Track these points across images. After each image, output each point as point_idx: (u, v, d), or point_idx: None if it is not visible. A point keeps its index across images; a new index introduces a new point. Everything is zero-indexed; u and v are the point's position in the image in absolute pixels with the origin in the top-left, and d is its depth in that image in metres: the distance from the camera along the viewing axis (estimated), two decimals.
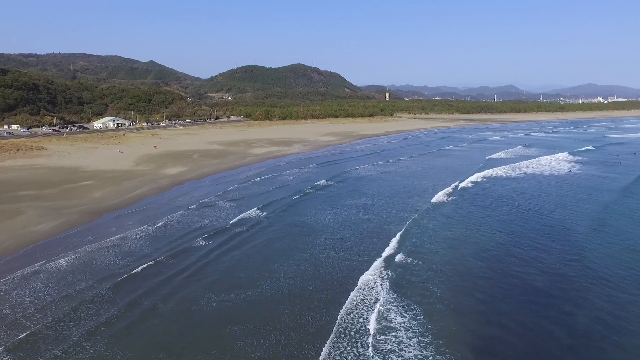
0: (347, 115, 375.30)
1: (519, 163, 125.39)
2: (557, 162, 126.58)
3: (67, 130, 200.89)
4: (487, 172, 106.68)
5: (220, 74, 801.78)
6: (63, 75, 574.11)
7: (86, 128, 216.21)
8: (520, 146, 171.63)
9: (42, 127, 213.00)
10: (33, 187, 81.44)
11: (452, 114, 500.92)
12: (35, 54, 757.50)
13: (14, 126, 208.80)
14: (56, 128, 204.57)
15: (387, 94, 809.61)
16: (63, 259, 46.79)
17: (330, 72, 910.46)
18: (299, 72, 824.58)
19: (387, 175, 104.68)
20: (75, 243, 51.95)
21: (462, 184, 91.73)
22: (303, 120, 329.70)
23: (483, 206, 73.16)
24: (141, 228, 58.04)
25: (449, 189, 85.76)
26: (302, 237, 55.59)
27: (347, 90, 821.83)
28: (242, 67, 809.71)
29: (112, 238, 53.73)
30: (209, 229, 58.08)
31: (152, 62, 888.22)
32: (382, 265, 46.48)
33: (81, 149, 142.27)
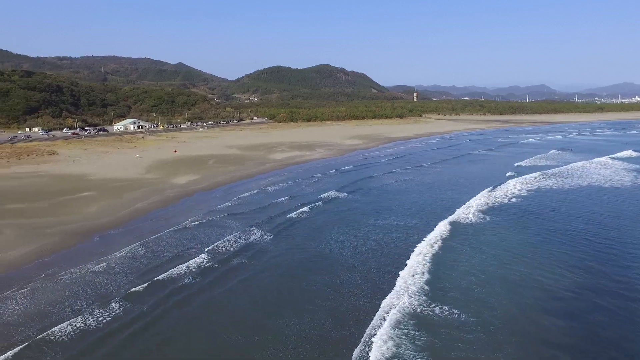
0: (374, 117, 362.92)
1: (567, 168, 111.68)
2: (615, 171, 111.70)
3: (86, 133, 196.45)
4: (531, 182, 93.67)
5: (247, 75, 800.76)
6: (94, 77, 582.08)
7: (106, 131, 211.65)
8: (565, 151, 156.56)
9: (62, 129, 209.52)
10: (25, 199, 73.71)
11: (484, 114, 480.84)
12: (70, 57, 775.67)
13: (35, 129, 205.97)
14: (75, 131, 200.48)
15: (416, 94, 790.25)
16: (14, 301, 37.80)
17: (357, 72, 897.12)
18: (325, 73, 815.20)
19: (421, 187, 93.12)
20: (39, 276, 42.90)
21: (508, 198, 79.36)
22: (328, 122, 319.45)
23: (540, 229, 61.01)
24: (122, 253, 49.02)
25: (489, 200, 73.82)
26: (304, 276, 44.99)
27: (373, 90, 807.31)
28: (268, 68, 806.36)
29: (84, 270, 44.61)
30: (196, 261, 47.91)
31: (180, 64, 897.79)
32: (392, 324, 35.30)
33: (94, 154, 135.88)
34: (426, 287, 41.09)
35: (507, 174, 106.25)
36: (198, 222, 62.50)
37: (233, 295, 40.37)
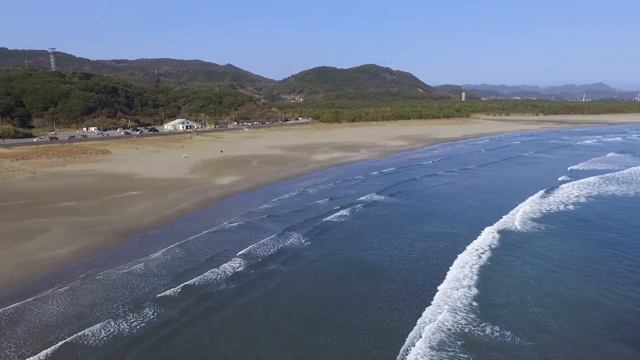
0: (420, 117, 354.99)
1: (628, 172, 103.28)
2: None
3: (137, 133, 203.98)
4: (588, 187, 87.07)
5: (293, 76, 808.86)
6: (148, 79, 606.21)
7: (156, 130, 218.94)
8: (625, 153, 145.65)
9: (116, 129, 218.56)
10: (76, 197, 76.54)
11: (536, 115, 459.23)
12: (126, 60, 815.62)
13: (92, 128, 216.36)
14: (127, 130, 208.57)
15: (463, 93, 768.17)
16: (52, 300, 38.49)
17: (403, 72, 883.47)
18: (370, 73, 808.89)
19: (467, 191, 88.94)
20: (79, 276, 43.71)
21: (566, 206, 73.96)
22: (373, 122, 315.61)
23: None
24: (159, 254, 49.36)
25: (541, 207, 68.91)
26: (341, 285, 43.23)
27: (419, 90, 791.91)
28: (314, 69, 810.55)
29: (122, 271, 45.09)
30: (231, 265, 47.27)
31: (229, 66, 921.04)
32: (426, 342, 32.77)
33: (143, 153, 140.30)
34: (474, 304, 38.26)
35: (560, 178, 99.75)
36: (237, 224, 62.24)
37: (266, 303, 39.32)
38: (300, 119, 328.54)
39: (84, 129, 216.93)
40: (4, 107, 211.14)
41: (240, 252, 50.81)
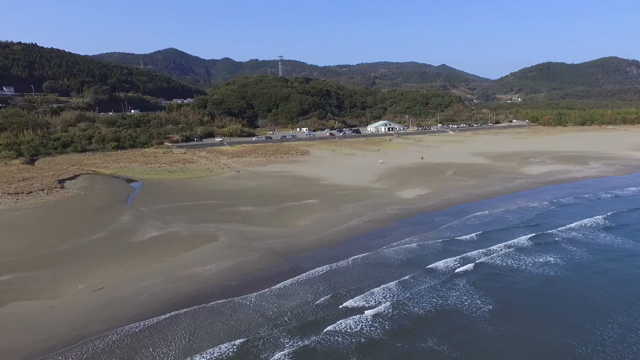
0: None
1: None
2: None
3: (341, 134, 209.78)
4: None
5: (511, 74, 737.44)
6: (365, 82, 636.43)
7: (359, 132, 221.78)
8: None
9: (324, 130, 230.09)
10: (258, 201, 77.68)
11: None
12: (348, 65, 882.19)
13: (304, 129, 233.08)
14: (332, 132, 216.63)
15: None
16: (153, 331, 34.99)
17: None
18: (609, 67, 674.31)
19: None
20: (208, 302, 40.01)
21: None
22: (609, 126, 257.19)
23: None
24: (300, 281, 42.15)
25: None
26: None
27: None
28: (537, 65, 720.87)
29: (245, 301, 39.56)
30: (375, 311, 36.73)
31: (443, 66, 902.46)
32: None
33: (338, 156, 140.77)
34: None
35: None
36: (402, 258, 51.60)
37: None
38: (514, 121, 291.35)
39: (297, 129, 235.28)
40: (238, 109, 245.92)
41: (393, 301, 40.17)
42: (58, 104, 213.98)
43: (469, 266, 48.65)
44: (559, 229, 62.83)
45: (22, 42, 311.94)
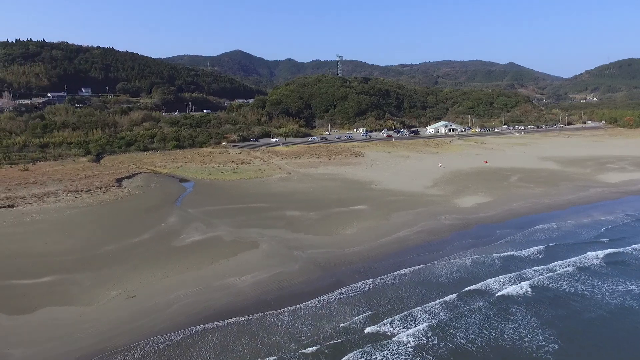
0: None
1: None
2: None
3: (398, 135, 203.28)
4: None
5: (587, 72, 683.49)
6: (427, 81, 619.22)
7: (417, 133, 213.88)
8: None
9: (381, 130, 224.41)
10: (305, 206, 75.17)
11: None
12: (410, 64, 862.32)
13: (360, 129, 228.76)
14: (389, 132, 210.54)
15: None
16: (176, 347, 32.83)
17: None
18: None
19: None
20: (241, 317, 37.62)
21: None
22: None
23: None
24: (316, 306, 38.49)
25: None
26: None
27: None
28: (617, 62, 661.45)
29: (263, 321, 36.63)
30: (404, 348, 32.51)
31: (511, 64, 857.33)
32: None
33: (393, 158, 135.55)
34: None
35: None
36: (454, 276, 46.71)
37: None
38: (589, 122, 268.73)
39: (354, 129, 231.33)
40: (296, 109, 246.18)
41: (411, 343, 35.68)
42: (128, 104, 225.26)
43: (532, 291, 42.90)
44: None
45: (100, 46, 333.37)
